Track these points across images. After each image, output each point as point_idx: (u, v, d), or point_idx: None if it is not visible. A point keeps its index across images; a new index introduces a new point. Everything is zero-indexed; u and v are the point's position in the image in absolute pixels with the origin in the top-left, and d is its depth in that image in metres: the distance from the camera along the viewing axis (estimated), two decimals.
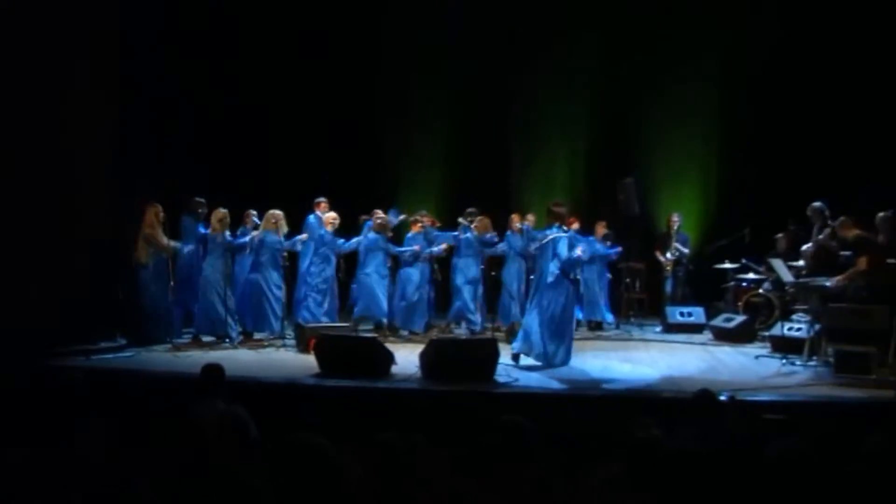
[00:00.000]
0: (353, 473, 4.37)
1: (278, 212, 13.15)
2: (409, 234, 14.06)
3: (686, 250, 15.33)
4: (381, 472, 4.43)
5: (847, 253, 11.19)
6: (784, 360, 11.13)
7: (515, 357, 11.01)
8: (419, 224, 14.11)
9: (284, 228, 13.16)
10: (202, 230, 13.12)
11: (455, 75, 17.14)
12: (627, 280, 15.69)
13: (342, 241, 13.59)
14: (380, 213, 13.79)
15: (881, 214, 11.32)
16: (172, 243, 12.83)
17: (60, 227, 11.78)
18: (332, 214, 13.55)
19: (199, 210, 13.38)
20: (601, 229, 14.81)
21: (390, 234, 13.92)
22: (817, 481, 3.93)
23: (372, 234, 13.58)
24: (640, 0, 16.54)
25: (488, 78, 17.07)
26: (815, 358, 10.85)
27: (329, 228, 13.43)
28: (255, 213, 13.28)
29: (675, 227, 15.30)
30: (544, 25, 16.86)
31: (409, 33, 17.23)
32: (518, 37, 16.89)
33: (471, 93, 17.23)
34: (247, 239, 13.07)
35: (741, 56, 16.16)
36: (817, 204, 12.13)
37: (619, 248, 15.02)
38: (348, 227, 13.95)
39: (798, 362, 10.97)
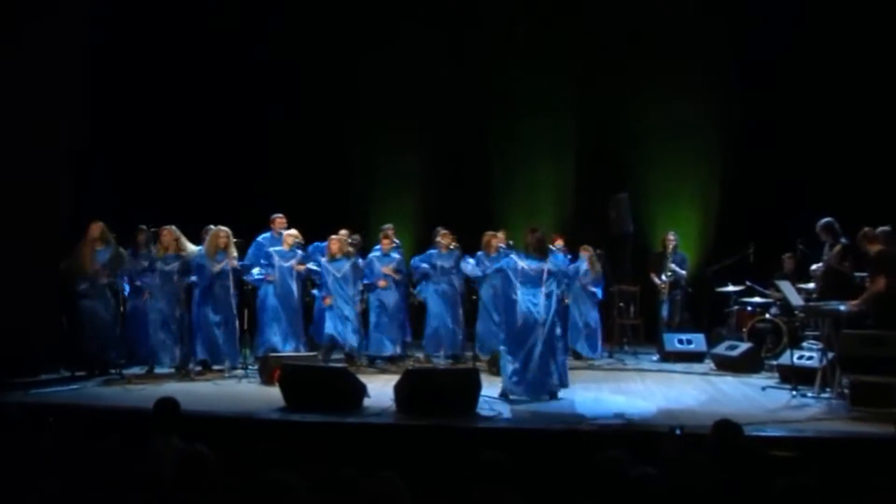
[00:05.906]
0: None
1: (224, 229, 12.88)
2: (376, 254, 13.95)
3: (683, 272, 15.35)
4: None
5: (862, 274, 11.19)
6: (794, 392, 11.10)
7: (505, 392, 10.87)
8: (388, 240, 14.00)
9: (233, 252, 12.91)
10: (144, 262, 12.96)
11: (434, 96, 17.29)
12: (620, 304, 15.69)
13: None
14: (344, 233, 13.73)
15: (881, 229, 11.21)
16: (103, 276, 12.68)
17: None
18: (293, 232, 13.47)
19: (141, 238, 13.34)
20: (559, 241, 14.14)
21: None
22: None
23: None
24: (632, 14, 16.68)
25: (470, 92, 17.24)
26: (828, 389, 10.82)
27: (287, 247, 13.36)
28: (213, 228, 13.07)
29: (672, 247, 15.34)
30: (532, 40, 17.17)
31: (388, 54, 17.43)
32: (505, 50, 17.14)
33: (451, 111, 17.40)
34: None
35: (739, 65, 16.30)
36: (827, 220, 12.07)
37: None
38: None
39: (809, 394, 10.94)
